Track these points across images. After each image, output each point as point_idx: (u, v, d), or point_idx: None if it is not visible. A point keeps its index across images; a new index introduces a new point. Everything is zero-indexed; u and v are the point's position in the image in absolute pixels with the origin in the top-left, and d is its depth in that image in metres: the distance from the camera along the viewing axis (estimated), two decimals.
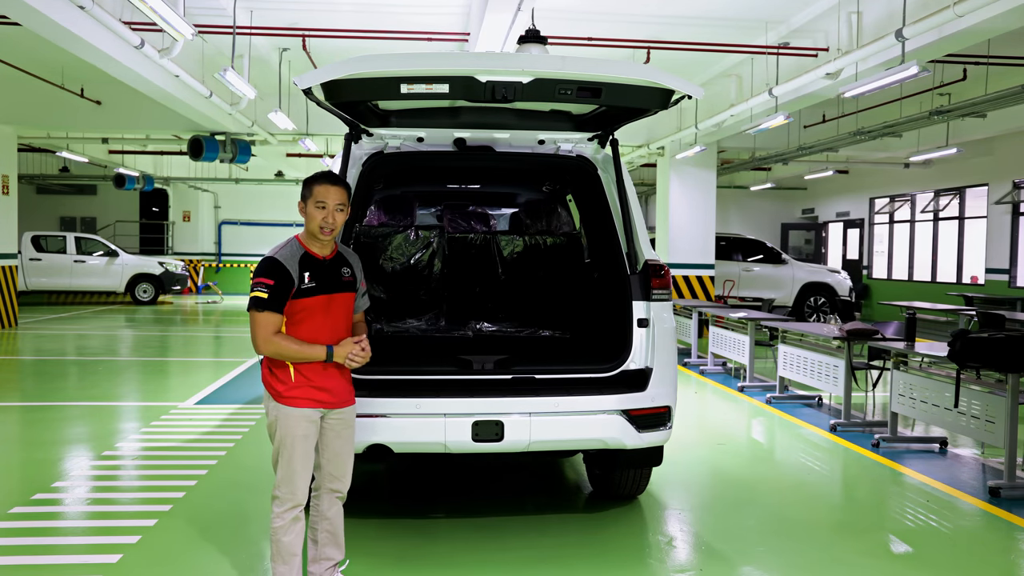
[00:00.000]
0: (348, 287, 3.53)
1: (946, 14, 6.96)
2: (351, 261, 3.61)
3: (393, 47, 10.79)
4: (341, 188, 3.46)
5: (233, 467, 5.73)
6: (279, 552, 3.44)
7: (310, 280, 3.38)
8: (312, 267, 3.41)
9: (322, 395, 3.44)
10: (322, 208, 3.39)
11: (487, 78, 3.58)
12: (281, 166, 21.46)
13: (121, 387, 9.13)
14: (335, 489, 3.61)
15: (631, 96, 3.83)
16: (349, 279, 3.54)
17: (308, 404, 3.41)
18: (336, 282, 3.48)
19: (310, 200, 3.42)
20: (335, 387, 3.48)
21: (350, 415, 3.59)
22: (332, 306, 3.45)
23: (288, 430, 3.39)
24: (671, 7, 9.47)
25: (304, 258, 3.41)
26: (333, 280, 3.47)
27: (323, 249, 3.47)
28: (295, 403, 3.39)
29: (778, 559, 4.27)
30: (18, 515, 4.67)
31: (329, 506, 3.62)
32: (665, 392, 4.23)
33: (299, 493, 3.43)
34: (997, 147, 16.18)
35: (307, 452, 3.44)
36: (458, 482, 5.49)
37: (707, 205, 15.11)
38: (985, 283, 16.71)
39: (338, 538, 3.66)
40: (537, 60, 3.69)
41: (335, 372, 3.48)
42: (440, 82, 3.65)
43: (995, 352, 5.31)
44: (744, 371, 9.49)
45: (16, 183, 14.67)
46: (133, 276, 19.64)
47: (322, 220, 3.39)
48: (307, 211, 3.43)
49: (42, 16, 7.12)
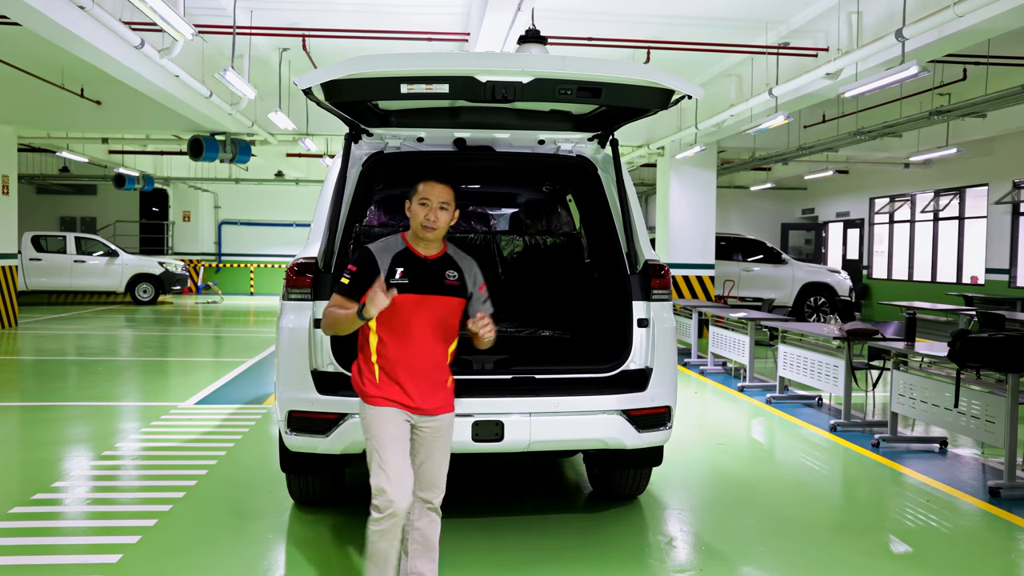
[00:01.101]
0: (452, 291, 3.34)
1: (946, 14, 6.96)
2: (461, 265, 3.42)
3: (393, 47, 10.79)
4: (446, 186, 3.34)
5: (233, 467, 5.73)
6: (372, 555, 3.22)
7: (402, 276, 3.26)
8: (408, 264, 3.29)
9: (407, 398, 3.26)
10: (425, 205, 3.28)
11: (487, 78, 3.58)
12: (281, 166, 21.46)
13: (121, 387, 9.13)
14: (426, 500, 3.39)
15: (631, 96, 3.83)
16: (454, 283, 3.36)
17: (393, 405, 3.26)
18: (435, 284, 3.31)
19: (414, 197, 3.32)
20: (424, 390, 3.30)
21: (444, 424, 3.38)
22: (425, 308, 3.27)
23: (374, 432, 3.24)
24: (671, 7, 9.47)
25: (402, 254, 3.31)
26: (431, 281, 3.31)
27: (426, 248, 3.34)
28: (380, 402, 3.26)
29: (778, 559, 4.27)
30: (18, 515, 4.67)
31: (419, 515, 3.39)
32: (665, 392, 4.23)
33: (395, 501, 3.16)
34: (997, 147, 16.18)
35: (398, 457, 3.22)
36: (458, 482, 5.48)
37: (707, 205, 15.11)
38: (985, 283, 16.71)
39: (431, 552, 3.42)
40: (537, 60, 3.69)
41: (425, 374, 3.30)
42: (440, 82, 3.64)
43: (995, 352, 5.30)
44: (744, 371, 9.49)
45: (16, 183, 14.66)
46: (133, 276, 19.65)
47: (424, 218, 3.27)
48: (411, 209, 3.33)
49: (42, 16, 7.11)
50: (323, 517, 4.66)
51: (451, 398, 3.44)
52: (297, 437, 4.01)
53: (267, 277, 25.19)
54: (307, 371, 4.01)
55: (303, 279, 4.08)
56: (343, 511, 4.76)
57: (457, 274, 3.38)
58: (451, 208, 3.34)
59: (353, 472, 5.43)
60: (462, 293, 3.38)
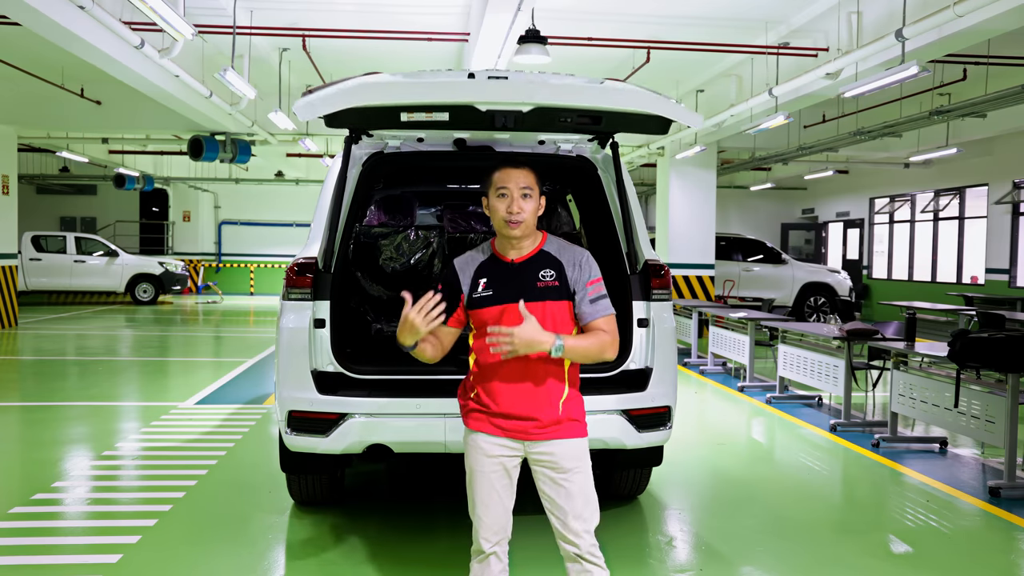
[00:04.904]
0: (544, 294, 2.77)
1: (946, 14, 6.96)
2: (562, 258, 2.84)
3: (393, 47, 10.81)
4: (526, 170, 2.82)
5: (233, 467, 5.73)
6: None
7: (485, 288, 2.81)
8: (492, 272, 2.83)
9: (501, 420, 2.77)
10: (504, 196, 2.77)
11: (487, 107, 3.57)
12: (281, 166, 21.46)
13: (121, 387, 9.13)
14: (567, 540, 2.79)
15: (631, 123, 3.81)
16: (549, 284, 2.78)
17: (486, 428, 2.80)
18: (522, 289, 2.76)
19: (491, 190, 2.81)
20: (523, 405, 2.75)
21: (562, 450, 2.75)
22: (509, 320, 2.72)
23: (467, 457, 2.86)
24: (671, 7, 9.47)
25: (487, 263, 2.86)
26: (517, 287, 2.77)
27: (515, 250, 2.83)
28: (471, 423, 2.85)
29: (778, 559, 4.27)
30: (18, 515, 4.66)
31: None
32: (665, 392, 4.23)
33: (480, 539, 2.81)
34: (997, 147, 16.19)
35: (489, 489, 2.80)
36: (458, 482, 5.48)
37: (707, 205, 15.11)
38: (985, 283, 16.71)
39: None
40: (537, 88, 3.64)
41: (527, 387, 2.75)
42: (440, 111, 3.62)
43: (995, 352, 5.30)
44: (744, 371, 9.49)
45: (16, 183, 14.67)
46: (133, 276, 19.65)
47: (506, 211, 2.75)
48: (490, 205, 2.81)
49: (42, 16, 7.11)
50: (323, 517, 4.66)
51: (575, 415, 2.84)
52: (297, 437, 4.01)
53: (267, 277, 25.19)
54: (307, 371, 4.01)
55: (303, 279, 4.08)
56: (343, 511, 4.75)
57: (554, 272, 2.81)
58: (535, 194, 2.81)
59: (353, 472, 5.44)
60: (563, 293, 2.80)
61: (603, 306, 2.80)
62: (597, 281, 2.82)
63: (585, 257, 2.85)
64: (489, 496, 2.81)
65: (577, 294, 2.81)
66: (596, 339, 2.74)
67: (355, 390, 4.04)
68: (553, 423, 2.76)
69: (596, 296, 2.80)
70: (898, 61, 7.93)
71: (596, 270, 2.85)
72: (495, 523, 2.82)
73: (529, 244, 2.85)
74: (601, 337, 2.75)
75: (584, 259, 2.84)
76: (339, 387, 4.02)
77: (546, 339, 2.61)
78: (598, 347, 2.74)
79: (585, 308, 2.80)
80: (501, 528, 2.83)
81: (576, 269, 2.82)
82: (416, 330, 2.66)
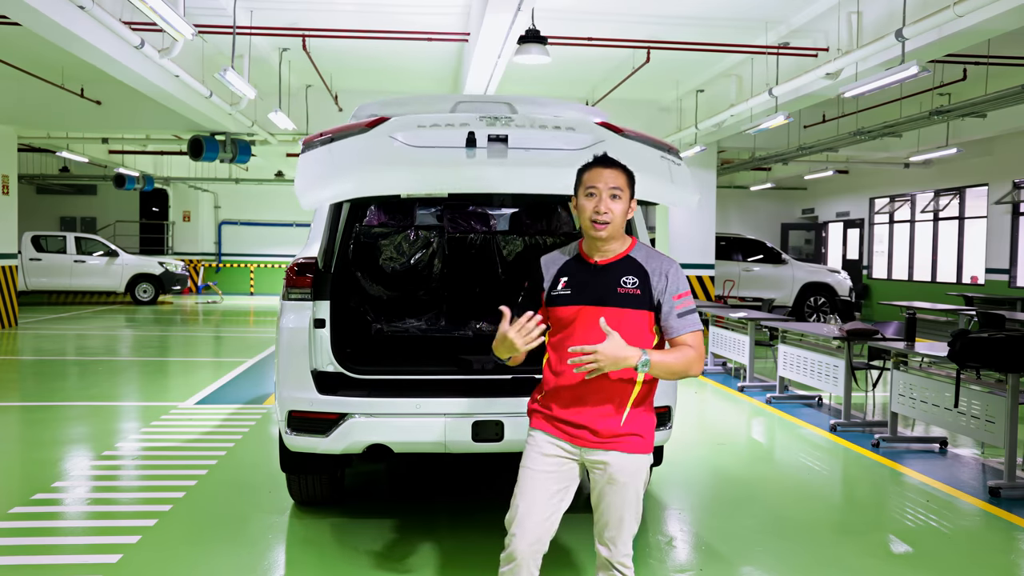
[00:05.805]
0: (625, 301, 2.65)
1: (946, 14, 6.96)
2: (648, 267, 2.70)
3: (393, 47, 10.82)
4: (618, 170, 2.69)
5: (233, 467, 5.73)
6: None
7: (564, 287, 2.71)
8: (574, 272, 2.73)
9: (563, 424, 2.70)
10: (592, 195, 2.66)
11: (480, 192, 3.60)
12: (281, 166, 21.45)
13: (121, 387, 9.13)
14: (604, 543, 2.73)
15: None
16: (630, 291, 2.66)
17: (546, 427, 2.73)
18: (602, 293, 2.66)
19: (580, 190, 2.71)
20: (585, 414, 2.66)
21: (618, 463, 2.66)
22: (584, 322, 2.64)
23: (524, 457, 2.76)
24: (671, 7, 9.47)
25: (571, 262, 2.77)
26: (597, 290, 2.67)
27: (597, 251, 2.72)
28: (533, 422, 2.80)
29: (778, 559, 4.27)
30: (18, 515, 4.66)
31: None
32: (665, 392, 4.22)
33: (514, 539, 2.65)
34: (997, 147, 16.19)
35: (537, 489, 2.68)
36: (458, 482, 5.49)
37: (707, 205, 15.11)
38: (985, 283, 16.71)
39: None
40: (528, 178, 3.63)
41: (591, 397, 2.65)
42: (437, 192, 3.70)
43: (995, 352, 5.30)
44: (744, 371, 9.49)
45: (16, 183, 14.67)
46: (133, 276, 19.65)
47: (593, 211, 2.64)
48: (577, 204, 2.71)
49: (42, 16, 7.11)
50: (323, 517, 4.66)
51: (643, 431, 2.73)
52: (297, 437, 4.01)
53: (267, 277, 25.19)
54: (307, 371, 4.02)
55: (303, 279, 4.08)
56: (343, 511, 4.75)
57: (637, 280, 2.67)
58: (626, 196, 2.68)
59: (353, 472, 5.44)
60: (644, 303, 2.67)
61: (691, 321, 2.68)
62: (686, 295, 2.70)
63: (674, 268, 2.72)
64: (534, 497, 2.67)
65: (663, 306, 2.68)
66: (682, 355, 2.62)
67: (355, 390, 4.05)
68: (612, 436, 2.66)
69: (684, 311, 2.68)
70: (898, 61, 7.93)
71: (685, 283, 2.72)
72: (535, 528, 2.66)
73: (615, 247, 2.73)
74: (687, 353, 2.63)
75: (672, 270, 2.71)
76: (339, 387, 4.03)
77: (632, 355, 2.49)
78: (684, 364, 2.62)
79: (672, 322, 2.67)
80: (537, 538, 2.67)
81: (663, 279, 2.69)
82: (514, 348, 2.61)
